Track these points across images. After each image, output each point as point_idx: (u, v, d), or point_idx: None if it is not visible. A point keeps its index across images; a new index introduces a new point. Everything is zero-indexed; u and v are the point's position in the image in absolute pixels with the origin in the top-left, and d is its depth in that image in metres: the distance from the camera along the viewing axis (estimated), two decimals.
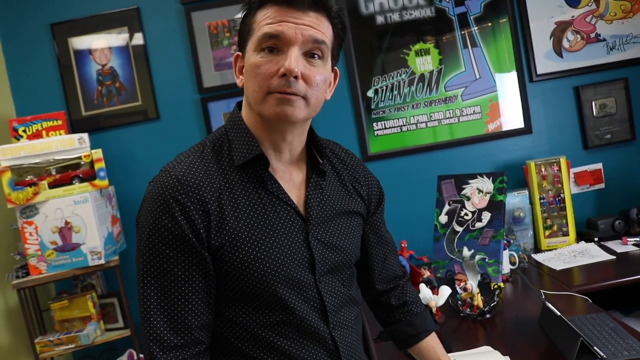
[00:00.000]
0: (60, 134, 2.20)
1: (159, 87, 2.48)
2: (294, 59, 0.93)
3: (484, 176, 2.05)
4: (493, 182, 2.03)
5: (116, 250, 2.25)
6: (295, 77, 0.94)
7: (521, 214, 2.40)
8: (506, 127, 2.56)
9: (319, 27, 0.97)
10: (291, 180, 1.07)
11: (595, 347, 1.33)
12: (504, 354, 1.46)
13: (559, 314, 1.45)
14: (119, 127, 2.48)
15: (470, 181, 2.07)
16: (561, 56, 2.55)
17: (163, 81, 2.48)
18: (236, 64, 1.06)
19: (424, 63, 2.53)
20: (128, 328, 2.25)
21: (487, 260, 1.94)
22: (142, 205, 1.00)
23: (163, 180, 0.97)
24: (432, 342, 1.26)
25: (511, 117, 2.56)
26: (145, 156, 2.48)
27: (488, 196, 2.02)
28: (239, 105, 1.10)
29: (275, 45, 0.95)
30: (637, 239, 2.24)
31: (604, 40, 2.56)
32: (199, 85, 2.47)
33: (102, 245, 2.11)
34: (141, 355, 2.25)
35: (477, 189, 2.05)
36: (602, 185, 2.58)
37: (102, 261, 2.11)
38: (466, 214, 2.05)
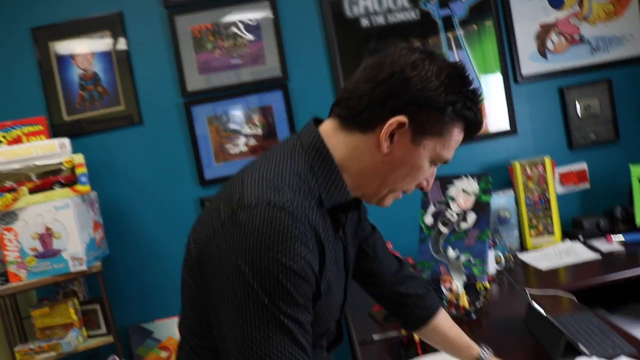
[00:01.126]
0: (41, 139, 2.17)
1: (142, 91, 2.46)
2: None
3: (469, 177, 2.05)
4: (478, 182, 2.02)
5: (98, 256, 2.22)
6: None
7: (507, 214, 2.40)
8: (492, 128, 2.56)
9: None
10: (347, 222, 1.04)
11: (580, 345, 1.32)
12: None
13: (544, 313, 1.44)
14: (102, 132, 2.45)
15: (456, 182, 2.07)
16: (546, 58, 2.56)
17: (146, 85, 2.46)
18: (392, 125, 0.86)
19: None
20: (111, 334, 2.21)
21: (472, 260, 1.93)
22: (237, 250, 0.80)
23: (272, 216, 0.79)
24: (441, 317, 1.30)
25: (496, 118, 2.56)
26: (128, 161, 2.45)
27: (473, 197, 2.02)
28: (316, 123, 0.97)
29: None
30: (622, 236, 2.25)
31: (588, 42, 2.57)
32: (183, 89, 2.45)
33: (83, 251, 2.08)
34: None
35: (463, 189, 2.04)
36: (587, 185, 2.58)
37: (84, 267, 2.08)
38: (451, 215, 2.04)
